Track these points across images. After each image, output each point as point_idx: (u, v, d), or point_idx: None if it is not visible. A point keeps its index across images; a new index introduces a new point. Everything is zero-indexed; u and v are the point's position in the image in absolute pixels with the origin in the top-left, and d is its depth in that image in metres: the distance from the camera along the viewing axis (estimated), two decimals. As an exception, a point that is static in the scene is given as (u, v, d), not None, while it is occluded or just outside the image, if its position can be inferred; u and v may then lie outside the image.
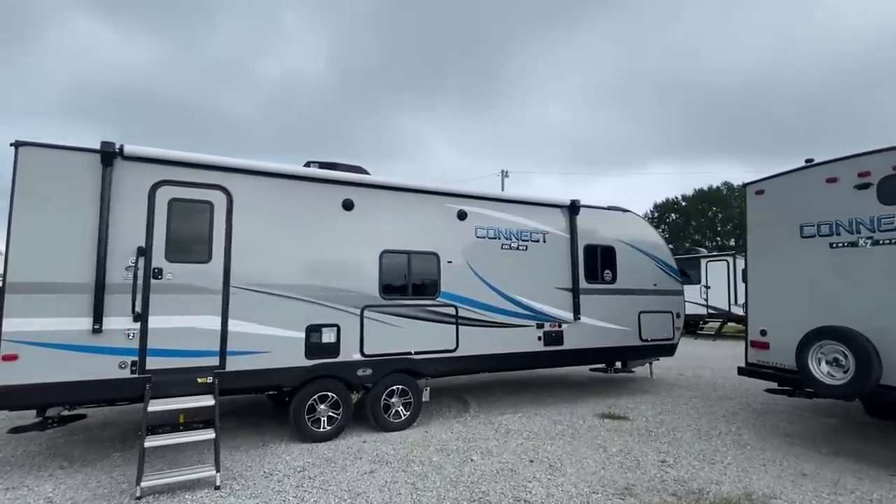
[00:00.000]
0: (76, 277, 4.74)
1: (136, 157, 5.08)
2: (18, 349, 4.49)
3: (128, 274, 4.94)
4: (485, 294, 6.86)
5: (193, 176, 5.35)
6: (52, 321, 4.63)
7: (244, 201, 5.55)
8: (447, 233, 6.74)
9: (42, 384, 4.55)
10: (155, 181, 5.16)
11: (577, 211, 7.71)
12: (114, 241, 4.90)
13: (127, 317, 4.90)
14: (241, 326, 5.38)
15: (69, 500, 4.17)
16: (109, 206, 4.89)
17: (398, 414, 6.20)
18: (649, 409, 7.36)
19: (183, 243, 5.24)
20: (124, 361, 4.86)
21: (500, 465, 5.02)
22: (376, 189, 6.36)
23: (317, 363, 5.72)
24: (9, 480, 4.59)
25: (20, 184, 4.64)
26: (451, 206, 6.81)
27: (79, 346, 4.70)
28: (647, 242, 8.49)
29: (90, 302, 4.75)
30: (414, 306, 6.37)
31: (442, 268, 6.61)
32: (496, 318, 6.90)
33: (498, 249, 7.08)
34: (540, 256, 7.38)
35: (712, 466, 5.08)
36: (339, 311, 5.91)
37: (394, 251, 6.34)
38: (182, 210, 5.26)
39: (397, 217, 6.44)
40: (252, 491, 4.35)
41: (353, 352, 5.94)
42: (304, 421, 5.65)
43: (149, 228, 5.08)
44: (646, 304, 8.25)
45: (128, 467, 4.86)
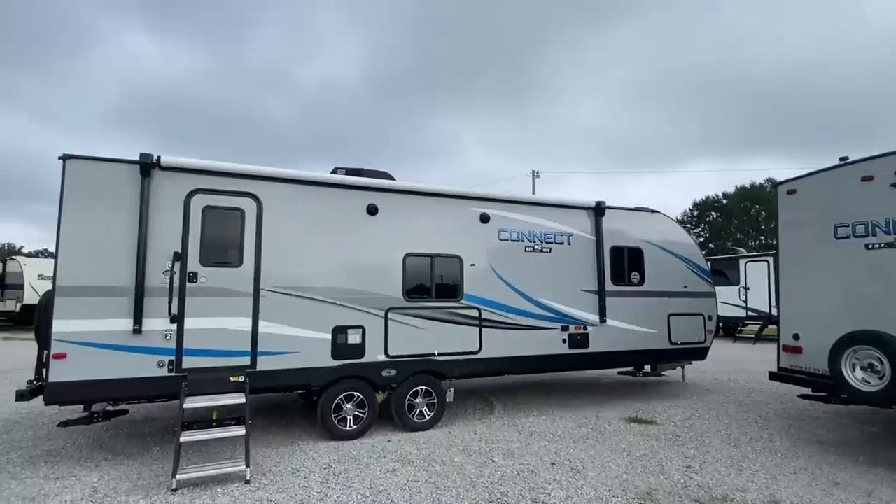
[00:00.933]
0: (118, 281, 5.06)
1: (172, 168, 5.37)
2: (67, 348, 4.83)
3: (165, 278, 5.24)
4: (508, 296, 6.90)
5: (225, 184, 5.61)
6: (96, 322, 4.95)
7: (273, 207, 5.79)
8: (470, 236, 6.81)
9: (88, 381, 4.88)
10: (190, 190, 5.44)
11: (603, 212, 7.65)
12: (152, 246, 5.20)
13: (164, 318, 5.19)
14: (270, 328, 5.61)
15: (112, 489, 4.45)
16: (148, 214, 5.19)
17: (422, 414, 6.31)
18: (678, 414, 7.22)
19: (216, 248, 5.51)
20: (162, 360, 5.15)
21: (521, 467, 5.06)
22: (399, 194, 6.50)
23: (343, 364, 5.89)
24: (58, 470, 4.93)
25: (67, 194, 4.99)
26: (474, 209, 6.89)
27: (121, 345, 5.01)
28: (676, 243, 8.32)
29: (131, 304, 5.06)
30: (437, 308, 6.48)
31: (465, 271, 6.69)
32: (519, 321, 6.92)
33: (521, 252, 7.10)
34: (564, 259, 7.36)
35: (739, 473, 4.97)
36: (364, 314, 6.07)
37: (417, 254, 6.46)
38: (215, 217, 5.53)
39: (421, 221, 6.56)
40: (279, 486, 4.54)
41: (378, 353, 6.09)
42: (331, 420, 5.83)
43: (184, 234, 5.36)
44: (675, 307, 8.09)
45: (166, 460, 5.14)
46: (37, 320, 5.49)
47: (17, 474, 4.81)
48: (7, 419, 6.82)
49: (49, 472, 4.88)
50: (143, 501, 4.21)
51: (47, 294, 5.62)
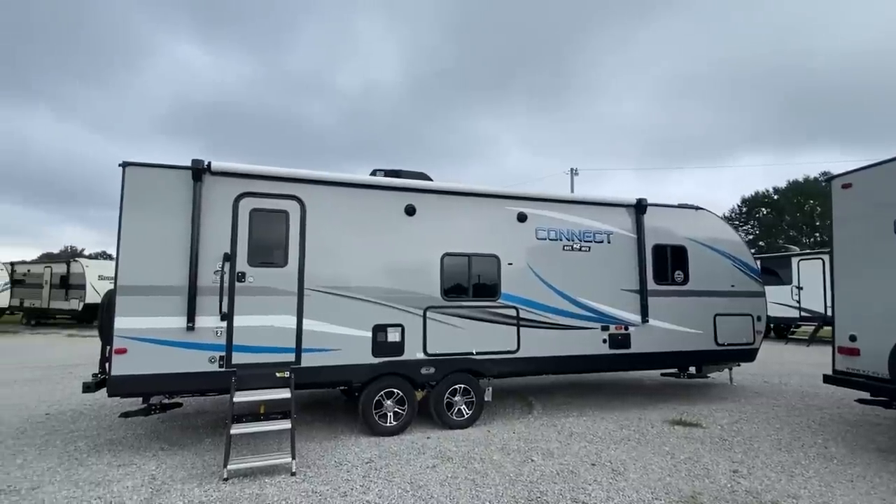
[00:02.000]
0: (173, 281, 5.35)
1: (221, 172, 5.64)
2: (127, 344, 5.15)
3: (216, 277, 5.50)
4: (546, 296, 6.86)
5: (271, 187, 5.84)
6: (153, 320, 5.26)
7: (316, 209, 5.98)
8: (507, 235, 6.82)
9: (146, 375, 5.18)
10: (238, 193, 5.70)
11: (644, 210, 7.49)
12: (204, 248, 5.47)
13: (215, 316, 5.45)
14: (314, 325, 5.79)
15: (168, 477, 4.72)
16: (200, 217, 5.47)
17: (461, 412, 6.37)
18: (725, 417, 7.00)
19: (263, 249, 5.74)
20: (213, 356, 5.41)
21: (561, 467, 5.04)
22: (437, 194, 6.57)
23: (383, 361, 6.02)
24: (120, 458, 5.26)
25: (127, 198, 5.32)
26: (511, 208, 6.89)
27: (176, 342, 5.30)
28: (722, 241, 8.06)
29: (184, 303, 5.34)
30: (475, 308, 6.52)
31: (502, 270, 6.71)
32: (558, 320, 6.88)
33: (559, 251, 7.05)
34: (604, 257, 7.26)
35: (791, 479, 4.78)
36: (403, 312, 6.18)
37: (455, 254, 6.53)
38: (262, 219, 5.76)
39: (458, 221, 6.62)
40: (323, 478, 4.69)
41: (417, 351, 6.18)
42: (371, 416, 5.97)
43: (233, 236, 5.62)
44: (722, 307, 7.83)
45: (217, 451, 5.40)
46: (100, 318, 5.86)
47: (83, 461, 5.16)
48: (74, 410, 7.31)
49: (112, 459, 5.21)
50: (197, 489, 4.44)
51: (109, 293, 6.00)
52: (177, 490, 4.43)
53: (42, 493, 4.37)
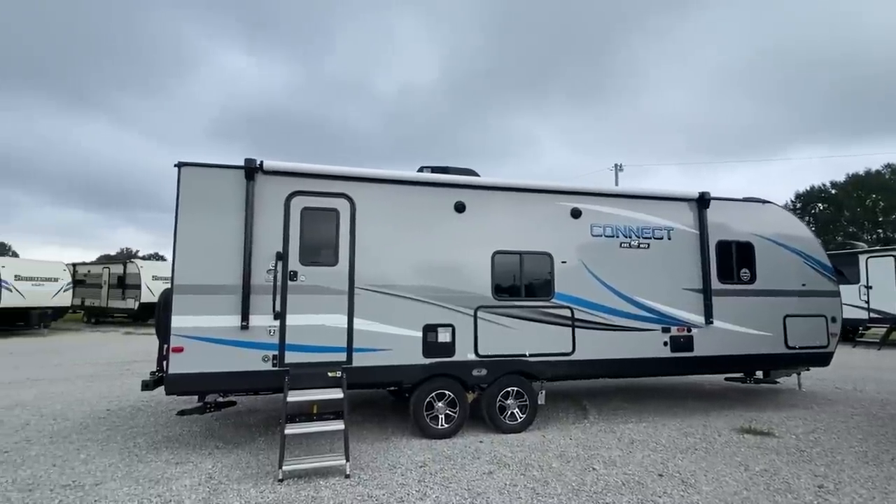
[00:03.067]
0: (227, 280, 5.36)
1: (273, 171, 5.62)
2: (184, 343, 5.18)
3: (268, 276, 5.48)
4: (602, 295, 6.55)
5: (322, 186, 5.78)
6: (208, 318, 5.28)
7: (365, 207, 5.88)
8: (560, 232, 6.55)
9: (202, 373, 5.20)
10: (289, 192, 5.67)
11: (707, 204, 7.06)
12: (257, 247, 5.46)
13: (268, 315, 5.43)
14: (364, 325, 5.70)
15: (225, 476, 4.71)
16: (252, 216, 5.46)
17: (514, 416, 6.14)
18: (799, 426, 6.49)
19: (314, 248, 5.69)
20: (266, 355, 5.39)
21: (626, 477, 4.74)
22: (487, 190, 6.37)
23: (433, 362, 5.87)
24: (178, 455, 5.31)
25: (182, 199, 5.37)
26: (564, 203, 6.61)
27: (230, 340, 5.31)
28: (792, 237, 7.51)
29: (238, 302, 5.35)
30: (527, 308, 6.28)
31: (556, 268, 6.44)
32: (615, 321, 6.55)
33: (616, 248, 6.72)
34: (664, 255, 6.87)
35: (886, 497, 4.33)
36: (454, 312, 6.01)
37: (506, 252, 6.31)
38: (313, 217, 5.71)
39: (509, 217, 6.40)
40: (378, 482, 4.57)
41: (468, 352, 6.00)
42: (423, 417, 5.82)
43: (285, 235, 5.59)
44: (792, 307, 7.29)
45: (270, 451, 5.38)
46: (157, 316, 5.96)
47: (143, 457, 5.24)
48: (133, 406, 7.51)
49: (170, 456, 5.27)
50: (252, 490, 4.40)
51: (166, 292, 6.09)
52: (233, 490, 4.40)
53: (105, 489, 4.43)
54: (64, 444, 5.67)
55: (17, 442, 5.77)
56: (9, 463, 5.07)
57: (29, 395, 8.36)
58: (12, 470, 4.87)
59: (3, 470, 4.88)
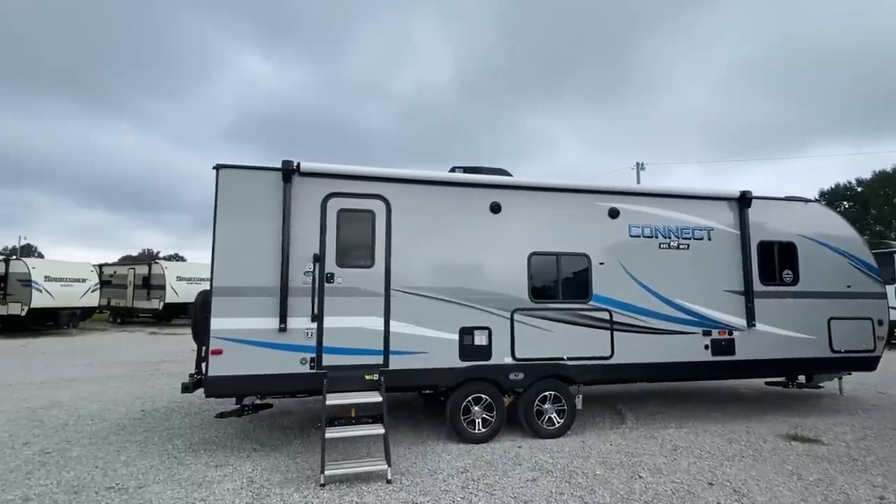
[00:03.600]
0: (265, 282, 5.33)
1: (310, 173, 5.58)
2: (223, 345, 5.17)
3: (306, 278, 5.45)
4: (642, 297, 6.39)
5: (357, 187, 5.73)
6: (247, 321, 5.25)
7: (401, 209, 5.82)
8: (598, 232, 6.41)
9: (241, 376, 5.18)
10: (326, 194, 5.62)
11: (749, 203, 6.85)
12: (294, 249, 5.43)
13: (306, 317, 5.40)
14: (401, 327, 5.63)
15: (266, 480, 4.68)
16: (290, 218, 5.43)
17: (552, 421, 6.02)
18: (847, 433, 6.27)
19: (350, 250, 5.64)
20: (304, 358, 5.35)
21: (674, 486, 4.60)
22: (523, 190, 6.26)
23: (470, 365, 5.78)
24: (216, 458, 5.29)
25: (220, 201, 5.35)
26: (602, 203, 6.47)
27: (269, 343, 5.28)
28: (836, 237, 7.26)
29: (276, 304, 5.32)
30: (565, 310, 6.15)
31: (593, 270, 6.30)
32: (655, 324, 6.38)
33: (655, 249, 6.55)
34: (704, 256, 6.69)
35: (956, 511, 4.12)
36: (490, 314, 5.91)
37: (542, 253, 6.19)
38: (349, 219, 5.67)
39: (545, 218, 6.28)
40: (421, 488, 4.50)
41: (505, 355, 5.90)
42: (460, 421, 5.74)
43: (322, 237, 5.55)
44: (837, 310, 7.05)
45: (308, 454, 5.34)
46: (193, 318, 5.97)
47: (182, 460, 5.23)
48: (166, 407, 7.55)
49: (209, 459, 5.26)
50: (296, 495, 4.36)
51: (203, 293, 6.10)
52: (276, 495, 4.36)
53: (148, 492, 4.42)
54: (104, 446, 5.70)
55: (58, 443, 5.82)
56: (52, 464, 5.11)
57: (65, 395, 8.47)
58: (56, 472, 4.90)
59: (47, 472, 4.91)
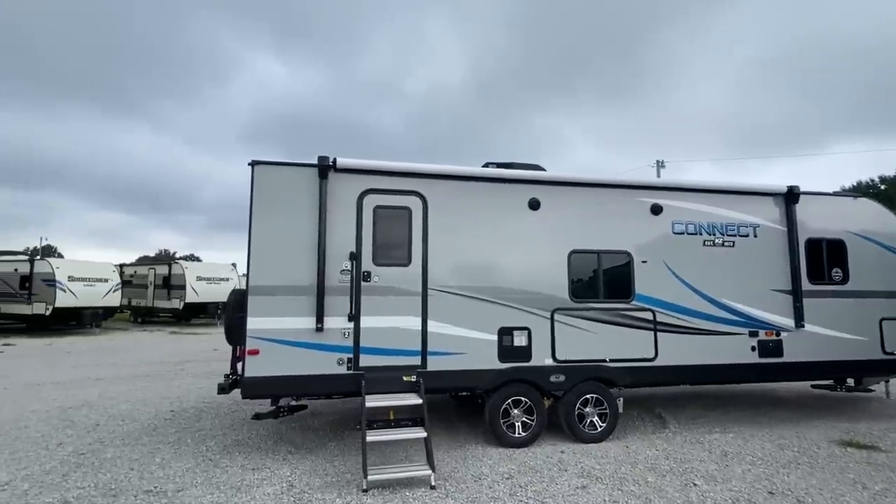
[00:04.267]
0: (302, 280, 5.20)
1: (346, 169, 5.44)
2: (260, 345, 5.04)
3: (342, 277, 5.31)
4: (686, 297, 6.15)
5: (393, 184, 5.58)
6: (284, 320, 5.13)
7: (437, 205, 5.66)
8: (640, 229, 6.19)
9: (278, 377, 5.05)
10: (362, 190, 5.48)
11: (796, 199, 6.57)
12: (330, 247, 5.29)
13: (342, 317, 5.26)
14: (438, 327, 5.47)
15: (305, 485, 4.54)
16: (326, 215, 5.29)
17: (593, 425, 5.80)
18: (905, 440, 5.96)
19: (387, 248, 5.49)
20: (341, 358, 5.21)
21: (733, 494, 4.37)
22: (562, 186, 6.06)
23: (510, 367, 5.59)
24: (252, 460, 5.17)
25: (256, 198, 5.23)
26: (644, 199, 6.24)
27: (306, 343, 5.15)
28: (887, 234, 6.94)
29: (313, 303, 5.18)
30: (606, 310, 5.94)
31: (636, 268, 6.08)
32: (701, 325, 6.14)
33: (699, 247, 6.31)
34: (750, 253, 6.43)
35: None
36: (530, 314, 5.72)
37: (583, 251, 5.99)
38: (385, 216, 5.52)
39: (585, 214, 6.07)
40: (467, 494, 4.32)
41: (546, 357, 5.70)
42: (499, 425, 5.55)
43: (358, 235, 5.41)
44: (889, 310, 6.73)
45: (345, 457, 5.20)
46: (227, 317, 5.87)
47: (217, 462, 5.12)
48: (195, 407, 7.47)
49: (244, 462, 5.14)
50: (338, 500, 4.21)
51: (236, 292, 6.00)
52: (317, 500, 4.22)
53: (187, 496, 4.31)
54: (137, 447, 5.62)
55: (91, 443, 5.75)
56: (87, 466, 5.03)
57: (93, 394, 8.44)
58: (92, 474, 4.82)
59: (83, 474, 4.82)
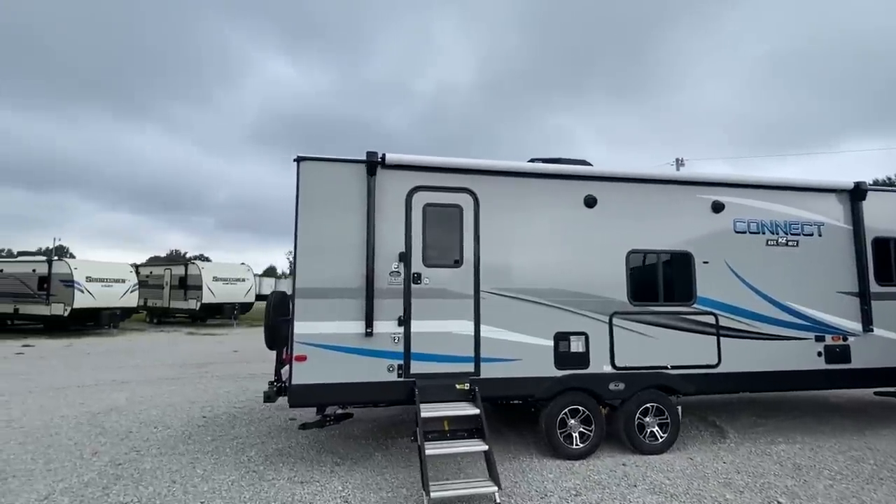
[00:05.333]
0: (350, 282, 4.93)
1: (395, 165, 5.16)
2: (307, 351, 4.77)
3: (392, 279, 5.03)
4: (749, 299, 5.81)
5: (444, 180, 5.30)
6: (332, 325, 4.86)
7: (489, 203, 5.36)
8: (701, 228, 5.85)
9: (326, 384, 4.78)
10: (411, 187, 5.20)
11: (863, 196, 6.20)
12: (379, 247, 5.01)
13: (392, 321, 4.98)
14: (492, 332, 5.18)
15: (361, 500, 4.26)
16: (374, 214, 5.01)
17: (654, 435, 5.48)
18: None
19: (437, 248, 5.20)
20: (392, 365, 4.93)
21: (825, 515, 4.03)
22: (619, 182, 5.73)
23: (567, 374, 5.29)
24: (298, 473, 4.90)
25: (302, 196, 4.96)
26: (705, 196, 5.90)
27: (355, 348, 4.87)
28: (959, 233, 6.55)
29: (362, 306, 4.91)
30: (667, 314, 5.61)
31: (697, 269, 5.75)
32: (765, 329, 5.80)
33: (762, 246, 5.96)
34: (815, 253, 6.07)
35: None
36: (587, 318, 5.41)
37: (642, 251, 5.67)
38: (435, 215, 5.23)
39: (644, 212, 5.75)
40: (536, 513, 4.03)
41: (604, 363, 5.39)
42: (556, 435, 5.24)
43: (407, 234, 5.12)
44: (962, 313, 6.34)
45: (394, 470, 4.92)
46: (267, 320, 5.60)
47: (263, 474, 4.85)
48: (227, 413, 7.22)
49: (291, 474, 4.86)
50: (399, 519, 3.93)
51: (277, 294, 5.74)
52: (377, 518, 3.94)
53: (237, 512, 4.04)
54: (175, 457, 5.36)
55: (127, 452, 5.51)
56: (127, 478, 4.78)
57: (120, 398, 8.23)
58: (133, 487, 4.57)
59: (124, 486, 4.58)
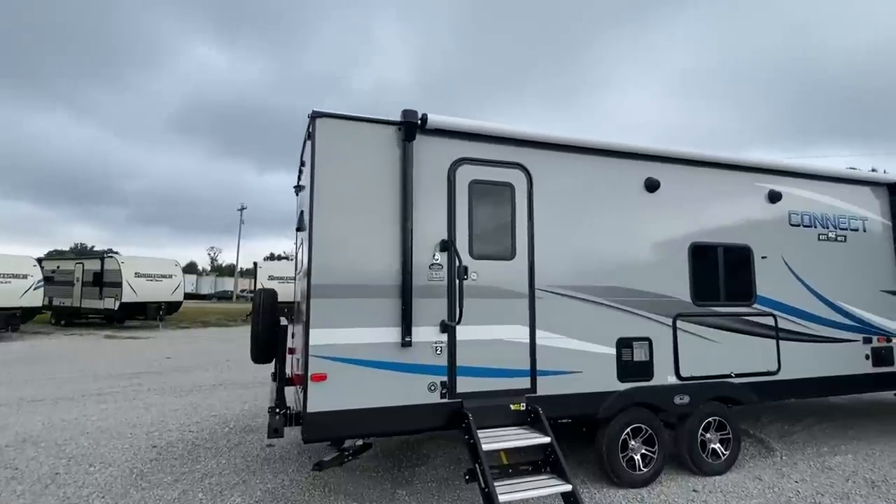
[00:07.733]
0: (382, 278, 3.83)
1: (436, 130, 4.10)
2: (327, 367, 3.62)
3: (432, 273, 3.98)
4: (804, 299, 5.32)
5: (493, 152, 4.31)
6: (359, 332, 3.74)
7: (544, 182, 4.45)
8: (758, 219, 5.29)
9: (353, 410, 3.65)
10: (455, 159, 4.17)
11: (908, 190, 5.94)
12: (417, 233, 3.94)
13: (433, 327, 3.94)
14: (549, 339, 4.27)
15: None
16: (412, 190, 3.94)
17: (716, 453, 4.82)
18: None
19: (486, 235, 4.22)
20: (434, 382, 3.89)
21: (958, 548, 3.50)
22: (682, 164, 5.02)
23: (631, 387, 4.49)
24: (308, 525, 3.74)
25: (319, 166, 3.80)
26: (761, 184, 5.34)
27: (388, 362, 3.78)
28: None
29: (396, 309, 3.83)
30: (729, 315, 4.98)
31: (756, 265, 5.17)
32: (819, 331, 5.34)
33: (814, 241, 5.51)
34: (861, 249, 5.71)
35: None
36: (650, 321, 4.65)
37: (703, 244, 5.00)
38: (483, 194, 4.24)
39: (706, 200, 5.09)
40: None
41: (668, 374, 4.65)
42: (618, 459, 4.42)
43: (450, 217, 4.09)
44: None
45: (435, 515, 3.89)
46: (255, 326, 4.35)
47: (261, 531, 3.65)
48: (182, 440, 5.80)
49: (300, 528, 3.69)
50: None
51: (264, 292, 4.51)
52: None
53: None
54: (130, 510, 4.00)
55: (59, 507, 4.06)
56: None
57: (34, 424, 6.50)
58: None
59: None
